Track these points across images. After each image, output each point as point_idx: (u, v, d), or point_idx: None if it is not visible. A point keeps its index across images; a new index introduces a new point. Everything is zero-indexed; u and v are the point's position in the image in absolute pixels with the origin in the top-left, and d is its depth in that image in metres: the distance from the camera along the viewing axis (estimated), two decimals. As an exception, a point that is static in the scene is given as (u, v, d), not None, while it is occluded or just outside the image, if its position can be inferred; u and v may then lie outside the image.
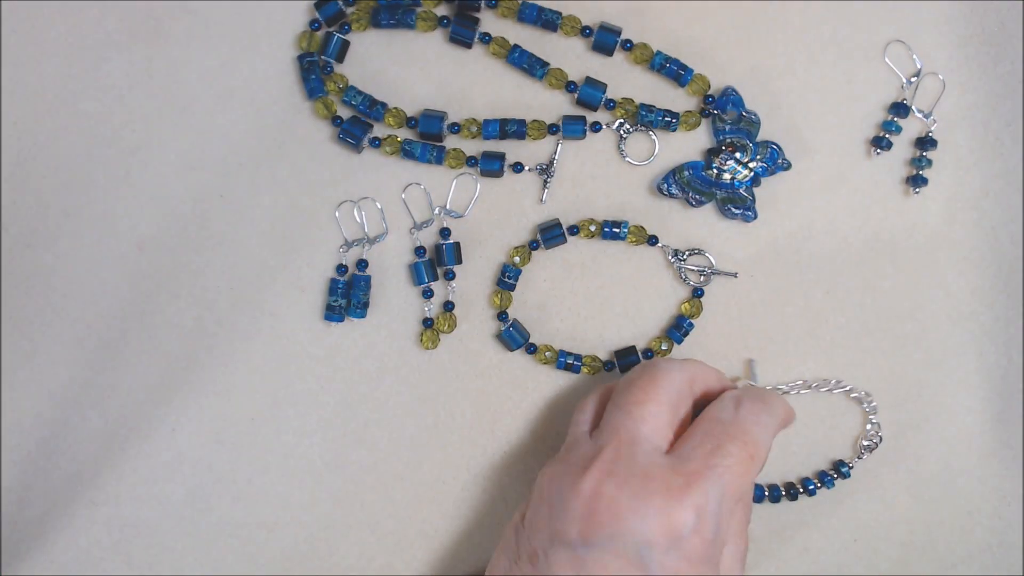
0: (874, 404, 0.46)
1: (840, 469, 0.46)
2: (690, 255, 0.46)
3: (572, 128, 0.45)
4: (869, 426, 0.46)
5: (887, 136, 0.45)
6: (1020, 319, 0.45)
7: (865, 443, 0.46)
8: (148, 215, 0.46)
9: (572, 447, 0.40)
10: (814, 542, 0.47)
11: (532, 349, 0.46)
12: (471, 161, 0.45)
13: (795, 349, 0.46)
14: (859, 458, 0.46)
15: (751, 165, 0.45)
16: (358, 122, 0.45)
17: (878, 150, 0.45)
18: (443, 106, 0.46)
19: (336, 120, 0.45)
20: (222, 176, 0.46)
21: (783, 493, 0.46)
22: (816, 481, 0.46)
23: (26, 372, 0.46)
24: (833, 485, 0.46)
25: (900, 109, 0.45)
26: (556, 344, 0.46)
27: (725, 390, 0.42)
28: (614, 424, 0.39)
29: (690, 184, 0.45)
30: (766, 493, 0.46)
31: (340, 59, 0.45)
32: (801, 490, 0.46)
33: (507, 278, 0.46)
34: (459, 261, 0.46)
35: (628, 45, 0.45)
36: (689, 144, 0.46)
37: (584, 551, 0.37)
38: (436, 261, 0.46)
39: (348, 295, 0.46)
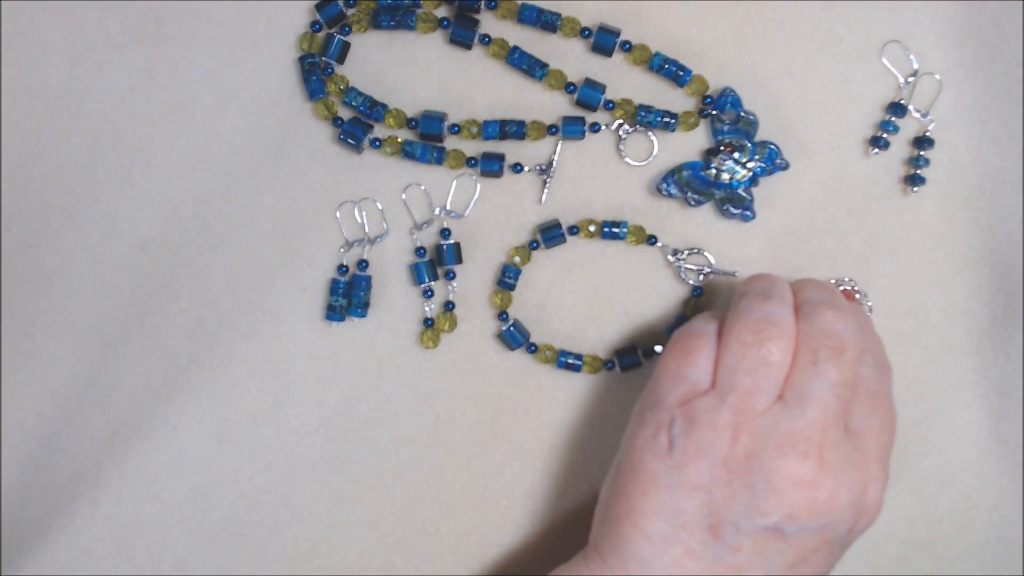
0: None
1: None
2: (689, 255, 0.46)
3: (571, 129, 0.45)
4: None
5: (885, 136, 0.45)
6: (1018, 317, 0.46)
7: None
8: (150, 215, 0.46)
9: (722, 409, 0.38)
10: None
11: (532, 349, 0.46)
12: (471, 162, 0.46)
13: (794, 348, 0.46)
14: None
15: (749, 165, 0.45)
16: (359, 123, 0.46)
17: (876, 150, 0.45)
18: (443, 107, 0.46)
19: (337, 121, 0.46)
20: (223, 177, 0.46)
21: None
22: None
23: (28, 371, 0.46)
24: None
25: (897, 109, 0.45)
26: (556, 344, 0.46)
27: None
28: (816, 395, 0.38)
29: (689, 184, 0.45)
30: None
31: (341, 60, 0.45)
32: None
33: (507, 278, 0.46)
34: (459, 261, 0.46)
35: (627, 46, 0.45)
36: (688, 144, 0.46)
37: (789, 531, 0.37)
38: (436, 261, 0.46)
39: (349, 295, 0.46)
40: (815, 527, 0.37)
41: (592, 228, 0.46)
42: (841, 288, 0.45)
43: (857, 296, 0.45)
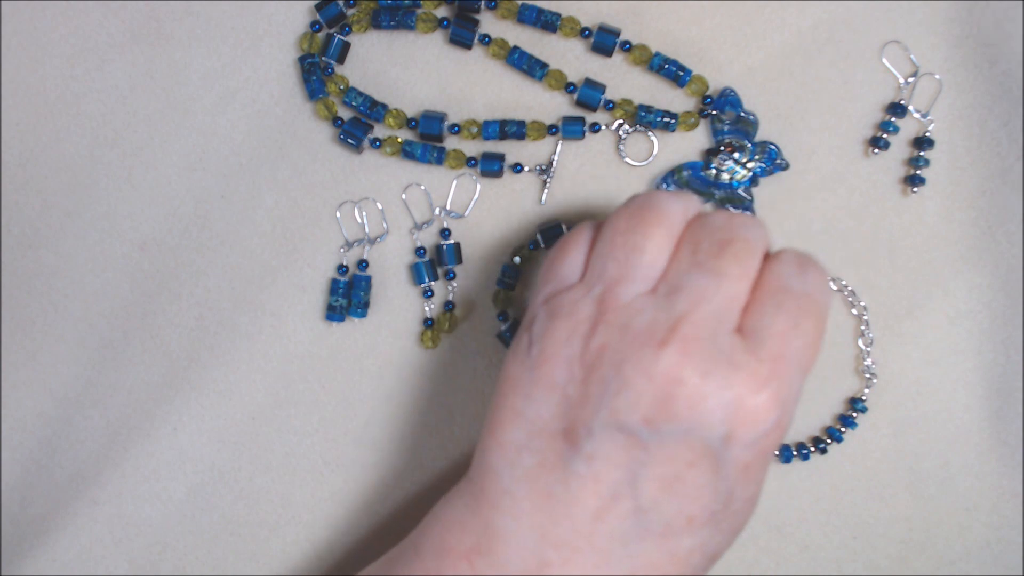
0: (863, 304, 0.46)
1: (855, 407, 0.46)
2: (689, 255, 0.46)
3: (571, 129, 0.45)
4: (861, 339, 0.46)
5: (885, 136, 0.45)
6: (1019, 317, 0.46)
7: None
8: (150, 215, 0.46)
9: (589, 303, 0.34)
10: (813, 539, 0.47)
11: (532, 349, 0.46)
12: (471, 162, 0.46)
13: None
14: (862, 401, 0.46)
15: (749, 165, 0.45)
16: (359, 123, 0.46)
17: (876, 150, 0.45)
18: (443, 107, 0.46)
19: (337, 121, 0.46)
20: (224, 177, 0.46)
21: (794, 453, 0.46)
22: (827, 438, 0.46)
23: (28, 371, 0.46)
24: (854, 426, 0.46)
25: (897, 109, 0.45)
26: (556, 344, 0.46)
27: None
28: (691, 286, 0.33)
29: (689, 184, 0.45)
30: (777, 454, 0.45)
31: (341, 60, 0.46)
32: (816, 448, 0.46)
33: (507, 278, 0.46)
34: (459, 261, 0.46)
35: (627, 46, 0.45)
36: (688, 144, 0.46)
37: (648, 437, 0.32)
38: (436, 261, 0.46)
39: (349, 295, 0.46)
40: (677, 432, 0.32)
41: (592, 228, 0.46)
42: None
43: (850, 299, 0.45)
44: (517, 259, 0.46)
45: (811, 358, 0.34)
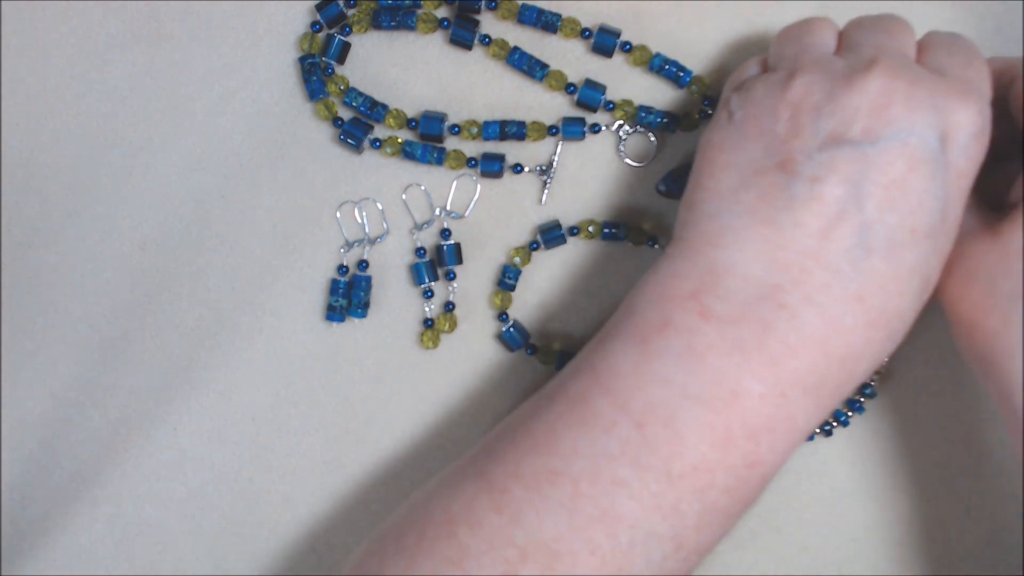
0: None
1: (864, 391, 0.46)
2: (689, 255, 0.46)
3: (571, 129, 0.45)
4: None
5: (885, 136, 0.45)
6: (1018, 318, 0.46)
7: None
8: (150, 216, 0.46)
9: (793, 61, 0.37)
10: (813, 541, 0.47)
11: (532, 350, 0.46)
12: (471, 162, 0.46)
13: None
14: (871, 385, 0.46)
15: (750, 165, 0.45)
16: (359, 123, 0.46)
17: (876, 150, 0.45)
18: (443, 107, 0.46)
19: (337, 121, 0.46)
20: (224, 177, 0.46)
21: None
22: (833, 421, 0.46)
23: (28, 371, 0.46)
24: (863, 410, 0.46)
25: (898, 110, 0.45)
26: (556, 345, 0.46)
27: None
28: (870, 40, 0.37)
29: (689, 184, 0.45)
30: None
31: (341, 61, 0.46)
32: (822, 431, 0.46)
33: (507, 279, 0.46)
34: (460, 262, 0.46)
35: (627, 47, 0.45)
36: (689, 145, 0.46)
37: (868, 147, 0.34)
38: (437, 261, 0.46)
39: (349, 295, 0.46)
40: (896, 137, 0.34)
41: (592, 229, 0.46)
42: None
43: None
44: (517, 260, 0.46)
45: (988, 89, 0.37)
